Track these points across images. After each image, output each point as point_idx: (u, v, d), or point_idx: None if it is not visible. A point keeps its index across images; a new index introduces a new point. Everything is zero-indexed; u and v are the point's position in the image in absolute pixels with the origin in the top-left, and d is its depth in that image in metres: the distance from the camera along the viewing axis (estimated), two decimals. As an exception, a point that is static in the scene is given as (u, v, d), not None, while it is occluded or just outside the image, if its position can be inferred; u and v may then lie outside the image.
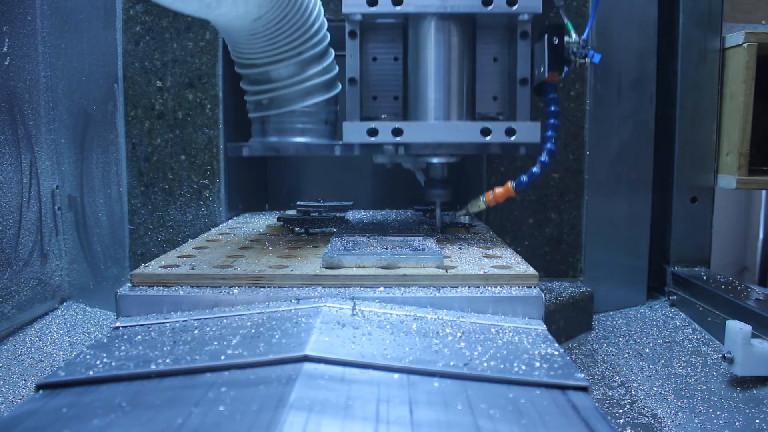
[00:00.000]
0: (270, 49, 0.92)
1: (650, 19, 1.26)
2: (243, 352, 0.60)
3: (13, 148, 1.15)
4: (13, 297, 1.14)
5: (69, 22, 1.24)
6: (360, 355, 0.59)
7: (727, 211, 1.92)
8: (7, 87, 1.14)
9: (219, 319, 0.72)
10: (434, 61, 0.95)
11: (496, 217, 1.30)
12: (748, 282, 1.33)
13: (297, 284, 0.80)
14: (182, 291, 0.79)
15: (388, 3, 0.92)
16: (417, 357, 0.60)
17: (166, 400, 0.51)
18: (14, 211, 1.15)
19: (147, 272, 0.82)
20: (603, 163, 1.28)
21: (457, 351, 0.62)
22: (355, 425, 0.46)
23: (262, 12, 0.85)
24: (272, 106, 0.97)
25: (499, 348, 0.64)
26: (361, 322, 0.69)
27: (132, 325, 0.74)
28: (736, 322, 0.90)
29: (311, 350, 0.58)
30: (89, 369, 0.59)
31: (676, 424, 0.83)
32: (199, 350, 0.62)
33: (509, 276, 0.80)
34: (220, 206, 1.29)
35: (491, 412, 0.50)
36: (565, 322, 1.17)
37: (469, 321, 0.73)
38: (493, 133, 0.93)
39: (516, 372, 0.58)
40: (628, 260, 1.31)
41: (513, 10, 0.91)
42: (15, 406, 0.89)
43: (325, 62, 0.98)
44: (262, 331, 0.65)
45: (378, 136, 0.93)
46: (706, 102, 1.31)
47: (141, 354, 0.62)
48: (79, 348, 1.10)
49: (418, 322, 0.71)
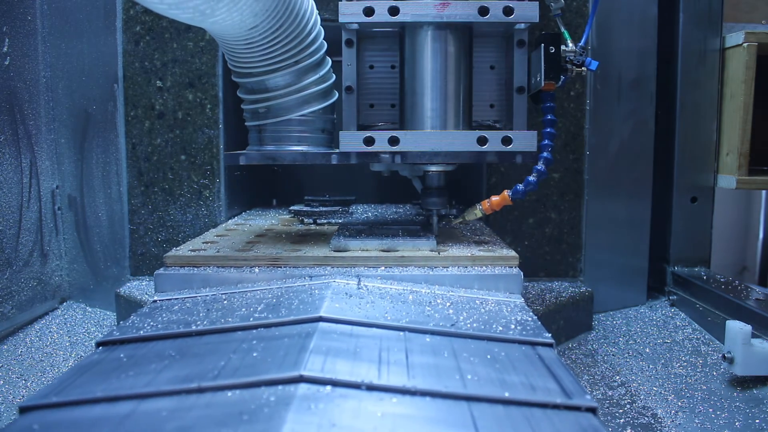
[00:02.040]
0: (266, 57, 0.92)
1: (650, 19, 1.26)
2: (268, 315, 0.71)
3: (13, 148, 1.15)
4: (13, 297, 1.14)
5: (69, 22, 1.24)
6: (365, 317, 0.71)
7: (727, 211, 1.92)
8: (7, 87, 1.14)
9: (243, 293, 0.84)
10: (431, 70, 0.95)
11: (496, 216, 1.30)
12: (748, 282, 1.33)
13: (310, 264, 0.92)
14: (210, 270, 0.90)
15: (385, 13, 0.92)
16: (412, 319, 0.72)
17: (208, 350, 0.62)
18: (14, 211, 1.15)
19: (178, 254, 0.93)
20: (603, 163, 1.28)
21: (446, 316, 0.75)
22: (362, 365, 0.58)
23: (257, 21, 0.85)
24: (269, 115, 0.98)
25: (481, 314, 0.76)
26: (366, 293, 0.81)
27: (168, 298, 0.85)
28: (736, 322, 0.90)
29: (325, 312, 0.69)
30: (139, 330, 0.70)
31: (676, 424, 0.83)
32: (230, 315, 0.73)
33: (493, 257, 0.92)
34: (221, 206, 1.29)
35: (471, 359, 0.62)
36: (565, 322, 1.17)
37: (457, 294, 0.85)
38: (489, 141, 0.93)
39: (494, 331, 0.70)
40: (628, 260, 1.31)
41: (509, 20, 0.91)
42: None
43: (321, 71, 0.98)
44: (282, 301, 0.77)
45: (374, 145, 0.93)
46: (706, 102, 1.31)
47: (181, 319, 0.73)
48: (80, 348, 1.10)
49: (414, 294, 0.83)
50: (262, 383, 0.53)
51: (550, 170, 1.29)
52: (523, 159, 0.94)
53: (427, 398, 0.53)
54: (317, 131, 1.00)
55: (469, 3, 0.91)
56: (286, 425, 0.45)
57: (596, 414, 0.53)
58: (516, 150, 0.93)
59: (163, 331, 0.69)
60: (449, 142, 0.93)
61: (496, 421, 0.50)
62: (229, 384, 0.53)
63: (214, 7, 0.75)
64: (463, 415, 0.51)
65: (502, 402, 0.53)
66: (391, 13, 0.92)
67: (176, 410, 0.50)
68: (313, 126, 0.99)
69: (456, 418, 0.50)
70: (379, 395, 0.53)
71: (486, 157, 0.94)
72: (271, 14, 0.85)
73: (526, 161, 0.95)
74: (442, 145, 0.93)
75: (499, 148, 0.93)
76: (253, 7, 0.80)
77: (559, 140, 1.28)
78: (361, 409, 0.50)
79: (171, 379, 0.55)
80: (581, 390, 0.56)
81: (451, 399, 0.54)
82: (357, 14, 0.92)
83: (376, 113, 1.05)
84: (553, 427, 0.50)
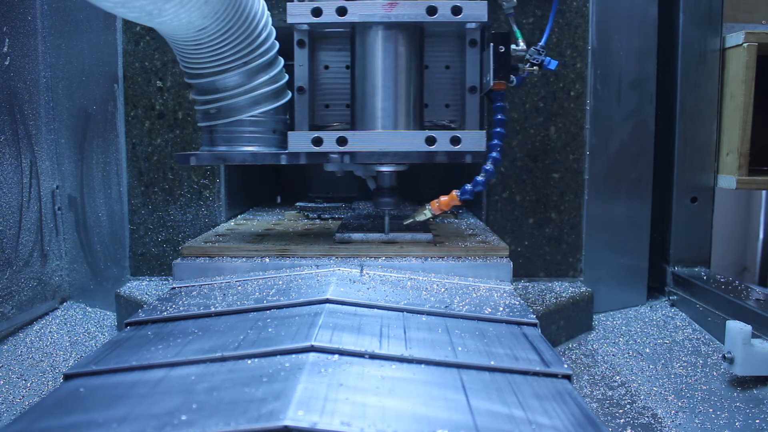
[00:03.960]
0: (215, 58, 0.92)
1: (650, 19, 1.26)
2: (280, 298, 0.79)
3: (13, 148, 1.15)
4: (13, 297, 1.14)
5: (69, 22, 1.24)
6: (368, 299, 0.78)
7: (727, 211, 1.92)
8: (7, 87, 1.14)
9: (256, 280, 0.91)
10: (381, 69, 0.95)
11: (496, 217, 1.30)
12: (748, 282, 1.33)
13: (316, 255, 0.98)
14: (224, 261, 0.97)
15: (333, 13, 0.92)
16: (410, 302, 0.79)
17: (227, 328, 0.70)
18: (14, 211, 1.15)
19: (194, 246, 1.01)
20: (603, 163, 1.28)
21: (440, 299, 0.82)
22: (365, 338, 0.66)
23: (206, 23, 0.84)
24: (219, 116, 0.97)
25: (473, 299, 0.84)
26: (368, 280, 0.88)
27: (186, 285, 0.92)
28: (736, 322, 0.90)
29: (331, 295, 0.77)
30: (162, 312, 0.77)
31: (676, 424, 0.83)
32: (245, 298, 0.80)
33: (485, 248, 0.99)
34: (221, 206, 1.29)
35: (463, 335, 0.69)
36: (565, 322, 1.17)
37: (451, 281, 0.92)
38: (438, 141, 0.93)
39: (483, 313, 0.77)
40: (628, 260, 1.31)
41: (458, 19, 0.91)
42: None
43: (272, 71, 0.98)
44: (291, 287, 0.85)
45: (323, 145, 0.94)
46: (706, 102, 1.31)
47: (201, 302, 0.81)
48: (80, 348, 1.10)
49: (412, 281, 0.90)
50: (278, 353, 0.60)
51: (550, 170, 1.29)
52: (473, 159, 0.94)
53: (422, 365, 0.61)
54: (269, 132, 1.00)
55: (417, 3, 0.91)
56: (300, 384, 0.52)
57: (571, 381, 0.60)
58: (465, 150, 0.93)
59: (185, 312, 0.76)
60: (398, 142, 0.94)
61: (482, 384, 0.57)
62: (248, 353, 0.60)
63: (161, 8, 0.75)
64: (454, 379, 0.58)
65: (488, 369, 0.61)
66: (339, 13, 0.92)
67: (204, 375, 0.57)
68: (264, 126, 0.99)
69: (447, 382, 0.58)
70: (380, 362, 0.60)
71: (436, 157, 0.94)
72: (220, 17, 0.85)
73: (476, 161, 0.95)
74: (390, 145, 0.93)
75: (447, 147, 0.93)
76: (201, 10, 0.80)
77: (559, 140, 1.28)
78: (364, 373, 0.57)
79: (196, 351, 0.62)
80: (559, 360, 0.63)
81: (444, 366, 0.61)
82: (305, 15, 0.92)
83: (332, 113, 1.05)
84: (533, 390, 0.57)
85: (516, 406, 0.54)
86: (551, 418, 0.52)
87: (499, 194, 1.30)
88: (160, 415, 0.50)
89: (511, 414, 0.52)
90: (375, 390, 0.54)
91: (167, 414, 0.50)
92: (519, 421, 0.51)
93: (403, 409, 0.51)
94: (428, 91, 1.04)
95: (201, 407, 0.50)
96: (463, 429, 0.49)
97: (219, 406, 0.50)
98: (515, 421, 0.51)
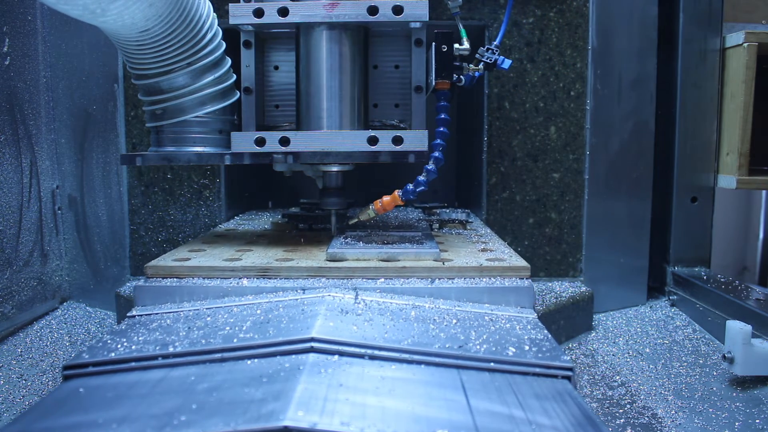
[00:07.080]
0: (158, 59, 0.91)
1: (650, 19, 1.26)
2: (254, 336, 0.66)
3: (13, 148, 1.15)
4: (13, 297, 1.14)
5: (69, 22, 1.24)
6: (362, 338, 0.65)
7: (727, 211, 1.92)
8: (7, 87, 1.14)
9: (230, 307, 0.78)
10: (324, 70, 0.95)
11: (496, 217, 1.30)
12: (748, 282, 1.33)
13: (302, 276, 0.85)
14: (194, 282, 0.84)
15: (275, 14, 0.91)
16: (415, 340, 0.66)
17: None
18: (14, 211, 1.15)
19: (160, 265, 0.87)
20: (603, 163, 1.28)
21: (452, 335, 0.68)
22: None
23: (149, 25, 0.84)
24: (165, 116, 0.97)
25: (491, 333, 0.71)
26: (363, 309, 0.75)
27: (146, 314, 0.79)
28: (736, 322, 0.90)
29: (317, 333, 0.64)
30: (110, 353, 0.64)
31: (676, 424, 0.83)
32: (213, 334, 0.68)
33: (502, 268, 0.86)
34: (221, 206, 1.29)
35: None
36: (565, 322, 1.17)
37: (464, 310, 0.79)
38: (380, 141, 0.92)
39: (506, 354, 0.64)
40: (628, 260, 1.31)
41: (399, 19, 0.91)
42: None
43: (218, 72, 0.97)
44: (270, 318, 0.72)
45: (266, 145, 0.93)
46: (706, 102, 1.31)
47: (158, 338, 0.68)
48: (80, 348, 1.10)
49: (417, 310, 0.77)
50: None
51: (550, 170, 1.29)
52: (416, 158, 0.94)
53: (422, 366, 0.60)
54: (215, 132, 0.99)
55: (358, 3, 0.91)
56: (300, 385, 0.51)
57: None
58: (407, 149, 0.93)
59: (137, 354, 0.64)
60: (340, 142, 0.93)
61: (482, 385, 0.56)
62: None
63: (105, 9, 0.75)
64: (453, 379, 0.57)
65: (489, 370, 0.60)
66: (281, 14, 0.91)
67: (204, 375, 0.55)
68: (210, 127, 0.99)
69: (447, 382, 0.57)
70: (380, 363, 0.59)
71: (379, 157, 0.94)
72: (164, 19, 0.85)
73: (419, 161, 0.94)
74: (333, 145, 0.93)
75: (390, 147, 0.93)
76: (145, 12, 0.80)
77: (560, 140, 1.28)
78: (364, 373, 0.56)
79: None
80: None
81: (443, 366, 0.60)
82: (247, 15, 0.92)
83: (282, 114, 1.05)
84: (532, 390, 0.56)
85: (516, 406, 0.54)
86: (551, 418, 0.52)
87: (499, 194, 1.30)
88: (159, 415, 0.50)
89: (511, 414, 0.52)
90: (375, 390, 0.54)
91: (167, 414, 0.50)
92: (519, 421, 0.51)
93: (402, 410, 0.51)
94: (377, 91, 1.03)
95: (201, 407, 0.50)
96: (462, 429, 0.49)
97: (219, 407, 0.50)
98: (515, 421, 0.51)
